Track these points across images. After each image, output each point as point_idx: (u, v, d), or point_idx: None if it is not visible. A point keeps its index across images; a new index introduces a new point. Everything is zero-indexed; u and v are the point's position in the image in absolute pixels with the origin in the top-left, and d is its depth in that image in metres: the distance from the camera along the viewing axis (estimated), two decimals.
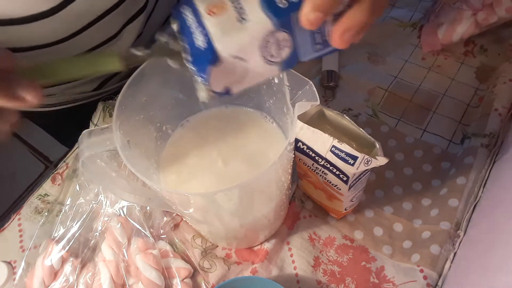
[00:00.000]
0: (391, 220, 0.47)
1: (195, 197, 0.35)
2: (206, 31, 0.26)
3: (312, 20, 0.24)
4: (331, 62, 0.60)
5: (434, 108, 0.55)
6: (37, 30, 0.44)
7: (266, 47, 0.27)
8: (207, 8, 0.26)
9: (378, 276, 0.44)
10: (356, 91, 0.58)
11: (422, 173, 0.50)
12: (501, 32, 0.58)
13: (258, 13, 0.26)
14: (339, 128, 0.38)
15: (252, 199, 0.39)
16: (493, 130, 0.49)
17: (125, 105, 0.36)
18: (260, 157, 0.42)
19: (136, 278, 0.45)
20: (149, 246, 0.47)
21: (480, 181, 0.46)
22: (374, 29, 0.64)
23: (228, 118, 0.46)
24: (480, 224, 0.42)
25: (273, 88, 0.39)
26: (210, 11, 0.26)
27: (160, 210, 0.49)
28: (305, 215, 0.49)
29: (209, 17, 0.26)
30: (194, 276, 0.47)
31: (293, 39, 0.27)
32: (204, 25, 0.26)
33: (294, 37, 0.27)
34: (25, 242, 0.52)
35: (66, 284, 0.46)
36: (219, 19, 0.26)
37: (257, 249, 0.47)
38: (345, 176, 0.37)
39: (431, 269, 0.43)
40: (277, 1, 0.26)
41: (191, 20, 0.27)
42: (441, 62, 0.59)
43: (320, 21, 0.25)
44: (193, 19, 0.27)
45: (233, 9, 0.26)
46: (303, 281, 0.45)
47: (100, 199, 0.50)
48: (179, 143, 0.45)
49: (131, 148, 0.37)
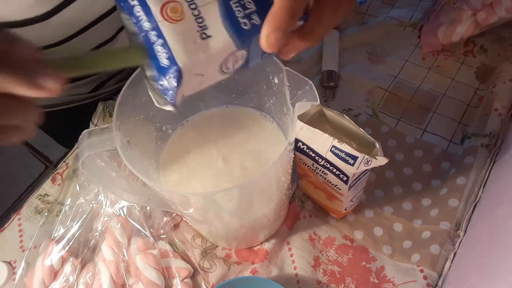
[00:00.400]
0: (391, 220, 0.47)
1: (195, 197, 0.35)
2: (164, 41, 0.25)
3: (272, 42, 0.25)
4: (331, 62, 0.60)
5: (434, 108, 0.55)
6: (32, 34, 0.44)
7: (225, 63, 0.27)
8: (162, 10, 0.25)
9: (378, 276, 0.44)
10: (356, 91, 0.58)
11: (422, 173, 0.50)
12: (501, 32, 0.58)
13: (221, 32, 0.26)
14: (339, 128, 0.38)
15: (252, 199, 0.39)
16: (493, 130, 0.49)
17: (125, 105, 0.36)
18: (260, 157, 0.42)
19: (136, 278, 0.45)
20: (149, 246, 0.47)
21: (480, 181, 0.46)
22: (374, 29, 0.64)
23: (228, 118, 0.46)
24: (480, 224, 0.42)
25: (273, 88, 0.39)
26: (166, 14, 0.25)
27: (160, 210, 0.49)
28: (305, 215, 0.49)
29: (167, 24, 0.25)
30: (194, 276, 0.47)
31: (248, 52, 0.28)
32: (161, 32, 0.25)
33: (249, 51, 0.27)
34: (25, 242, 0.52)
35: (66, 284, 0.46)
36: (178, 29, 0.25)
37: (257, 249, 0.47)
38: (345, 176, 0.37)
39: (431, 269, 0.43)
40: (241, 23, 0.26)
41: (143, 18, 0.25)
42: (441, 62, 0.59)
43: (281, 43, 0.25)
44: (145, 18, 0.25)
45: (192, 17, 0.25)
46: (303, 281, 0.45)
47: (100, 199, 0.50)
48: (179, 143, 0.45)
49: (131, 148, 0.37)
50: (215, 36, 0.26)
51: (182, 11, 0.25)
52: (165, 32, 0.25)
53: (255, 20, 0.26)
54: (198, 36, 0.26)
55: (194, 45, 0.25)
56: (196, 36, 0.25)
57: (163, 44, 0.25)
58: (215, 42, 0.26)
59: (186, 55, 0.25)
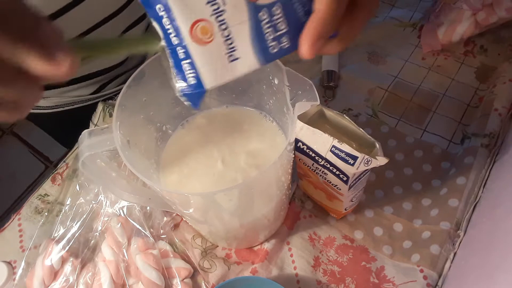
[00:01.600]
0: (391, 220, 0.47)
1: (195, 197, 0.35)
2: (192, 61, 0.25)
3: (314, 50, 0.25)
4: (331, 62, 0.60)
5: (434, 108, 0.55)
6: None
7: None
8: (191, 30, 0.24)
9: (378, 276, 0.44)
10: (356, 91, 0.58)
11: (422, 173, 0.50)
12: (501, 32, 0.58)
13: (249, 55, 0.25)
14: (339, 128, 0.38)
15: (252, 199, 0.39)
16: (493, 130, 0.49)
17: (125, 105, 0.36)
18: (260, 157, 0.42)
19: (136, 278, 0.45)
20: (149, 246, 0.47)
21: (480, 181, 0.46)
22: (374, 29, 0.64)
23: (228, 118, 0.46)
24: (480, 224, 0.42)
25: (273, 88, 0.39)
26: (196, 36, 0.24)
27: (160, 210, 0.49)
28: (305, 215, 0.49)
29: (195, 46, 0.25)
30: (194, 276, 0.47)
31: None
32: (190, 54, 0.25)
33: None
34: (25, 242, 0.52)
35: (66, 284, 0.46)
36: (207, 52, 0.25)
37: (257, 249, 0.47)
38: (345, 176, 0.37)
39: (431, 269, 0.43)
40: (269, 46, 0.26)
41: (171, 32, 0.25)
42: (441, 62, 0.59)
43: (320, 49, 0.25)
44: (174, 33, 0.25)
45: (222, 39, 0.25)
46: (303, 281, 0.45)
47: (100, 199, 0.50)
48: (179, 143, 0.45)
49: (131, 148, 0.37)
50: (242, 58, 0.25)
51: (212, 32, 0.24)
52: (193, 54, 0.25)
53: (284, 44, 0.26)
54: (226, 59, 0.25)
55: (221, 69, 0.25)
56: (224, 59, 0.25)
57: (190, 63, 0.25)
58: (242, 65, 0.26)
59: (213, 79, 0.25)
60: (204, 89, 0.26)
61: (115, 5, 0.50)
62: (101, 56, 0.26)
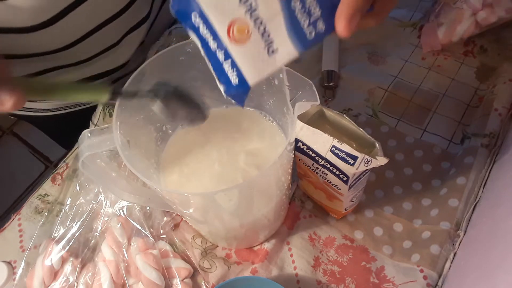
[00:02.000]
0: (391, 220, 0.47)
1: (195, 197, 0.35)
2: (233, 61, 0.26)
3: (352, 27, 0.25)
4: (331, 62, 0.60)
5: (434, 108, 0.55)
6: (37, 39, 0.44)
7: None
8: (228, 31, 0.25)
9: (378, 276, 0.44)
10: (356, 91, 0.58)
11: (422, 173, 0.50)
12: (501, 32, 0.58)
13: (287, 44, 0.26)
14: (339, 128, 0.38)
15: (252, 199, 0.39)
16: (493, 130, 0.49)
17: (125, 105, 0.36)
18: (260, 157, 0.42)
19: (136, 278, 0.45)
20: (149, 246, 0.47)
21: (480, 181, 0.46)
22: (374, 29, 0.64)
23: (228, 118, 0.46)
24: (480, 224, 0.42)
25: (273, 88, 0.39)
26: (233, 37, 0.25)
27: (160, 210, 0.49)
28: (305, 215, 0.49)
29: (234, 47, 0.25)
30: (194, 276, 0.47)
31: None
32: (230, 54, 0.25)
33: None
34: (25, 242, 0.52)
35: (66, 284, 0.46)
36: (246, 51, 0.25)
37: (257, 249, 0.47)
38: (345, 176, 0.37)
39: (431, 269, 0.43)
40: (306, 33, 0.26)
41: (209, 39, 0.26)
42: (441, 62, 0.59)
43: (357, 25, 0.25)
44: (211, 38, 0.26)
45: (259, 35, 0.25)
46: (303, 281, 0.45)
47: (100, 199, 0.50)
48: (179, 143, 0.45)
49: (131, 148, 0.37)
50: (281, 48, 0.26)
51: (248, 30, 0.25)
52: (233, 54, 0.25)
53: (320, 27, 0.26)
54: (265, 53, 0.26)
55: (262, 63, 0.26)
56: (264, 54, 0.26)
57: (231, 63, 0.26)
58: (282, 55, 0.26)
59: (256, 75, 0.26)
60: (248, 86, 0.26)
61: (116, 7, 0.50)
62: (48, 99, 0.27)
